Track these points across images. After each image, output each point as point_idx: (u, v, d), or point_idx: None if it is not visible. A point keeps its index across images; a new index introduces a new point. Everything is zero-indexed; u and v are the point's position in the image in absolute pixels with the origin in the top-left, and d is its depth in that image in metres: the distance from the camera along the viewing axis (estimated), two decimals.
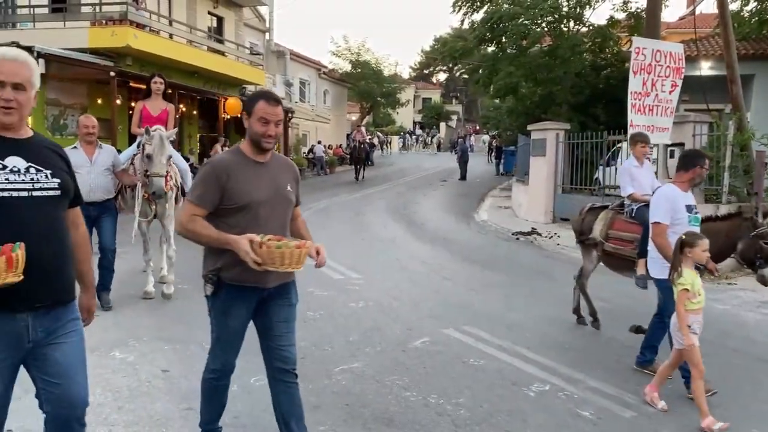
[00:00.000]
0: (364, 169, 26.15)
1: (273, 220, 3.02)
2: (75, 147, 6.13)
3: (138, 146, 6.67)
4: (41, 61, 15.73)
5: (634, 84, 9.92)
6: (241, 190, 2.95)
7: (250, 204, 2.96)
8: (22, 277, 2.17)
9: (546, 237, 12.22)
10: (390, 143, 47.93)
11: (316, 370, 4.76)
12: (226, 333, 3.10)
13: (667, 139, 10.30)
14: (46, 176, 2.34)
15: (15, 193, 2.24)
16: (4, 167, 2.26)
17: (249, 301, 3.06)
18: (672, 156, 10.77)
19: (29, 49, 15.56)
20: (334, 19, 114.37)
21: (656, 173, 10.96)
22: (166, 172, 6.34)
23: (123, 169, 6.56)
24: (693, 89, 13.89)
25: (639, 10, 18.59)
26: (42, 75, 16.18)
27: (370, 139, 40.35)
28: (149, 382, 4.50)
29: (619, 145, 13.64)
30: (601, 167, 13.87)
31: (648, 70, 9.90)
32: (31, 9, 18.36)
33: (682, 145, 10.59)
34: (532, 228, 13.08)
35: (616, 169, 13.77)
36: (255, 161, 3.04)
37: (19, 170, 2.28)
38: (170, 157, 6.43)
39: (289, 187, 3.14)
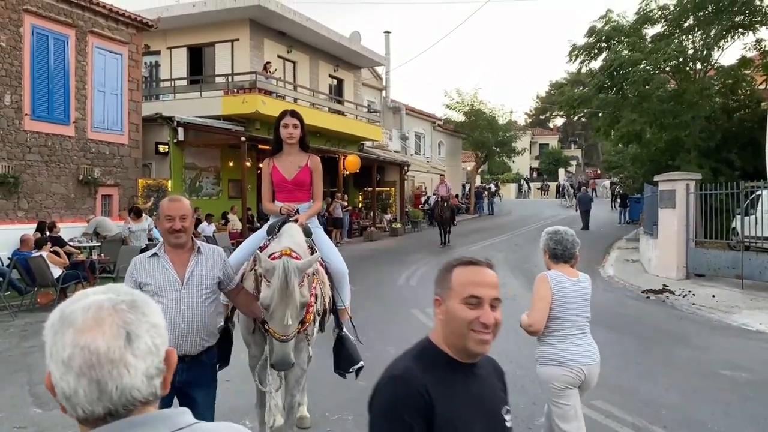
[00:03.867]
0: (449, 232, 20.99)
1: None
2: (155, 254, 3.35)
3: (268, 234, 4.18)
4: (180, 129, 17.19)
5: None
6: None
7: None
8: None
9: (679, 295, 11.47)
10: (498, 192, 46.67)
11: None
12: None
13: None
14: None
15: None
16: None
17: None
18: None
19: (170, 119, 17.12)
20: (448, 70, 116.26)
21: None
22: (299, 322, 3.57)
23: (237, 287, 3.69)
24: None
25: None
26: (180, 142, 17.79)
27: (486, 187, 40.22)
28: None
29: (758, 192, 12.71)
30: (738, 216, 12.94)
31: None
32: (172, 82, 20.18)
33: None
34: (664, 285, 12.33)
35: (756, 218, 12.85)
36: None
37: None
38: (303, 306, 3.58)
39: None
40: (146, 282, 3.25)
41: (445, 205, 20.74)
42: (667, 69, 18.41)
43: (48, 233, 12.09)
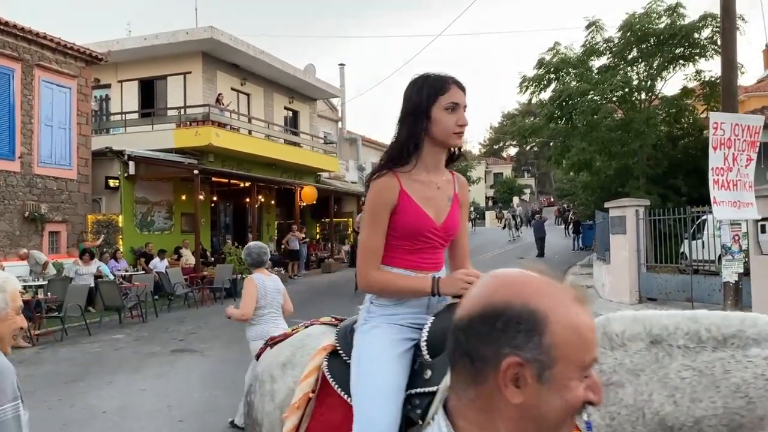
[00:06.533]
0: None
1: None
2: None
3: (432, 356, 2.10)
4: (131, 163, 16.86)
5: (715, 160, 9.56)
6: None
7: None
8: None
9: None
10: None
11: None
12: None
13: (755, 215, 9.79)
14: None
15: None
16: None
17: None
18: (764, 231, 10.20)
19: (120, 153, 16.78)
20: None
21: (747, 250, 10.42)
22: None
23: None
24: None
25: (713, 78, 18.20)
26: (131, 176, 17.40)
27: None
28: None
29: (704, 217, 13.11)
30: (686, 241, 13.30)
31: (728, 144, 9.55)
32: (123, 115, 19.87)
33: None
34: (618, 310, 12.50)
35: (703, 243, 13.25)
36: None
37: None
38: None
39: None
40: None
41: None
42: (614, 99, 19.00)
43: None
